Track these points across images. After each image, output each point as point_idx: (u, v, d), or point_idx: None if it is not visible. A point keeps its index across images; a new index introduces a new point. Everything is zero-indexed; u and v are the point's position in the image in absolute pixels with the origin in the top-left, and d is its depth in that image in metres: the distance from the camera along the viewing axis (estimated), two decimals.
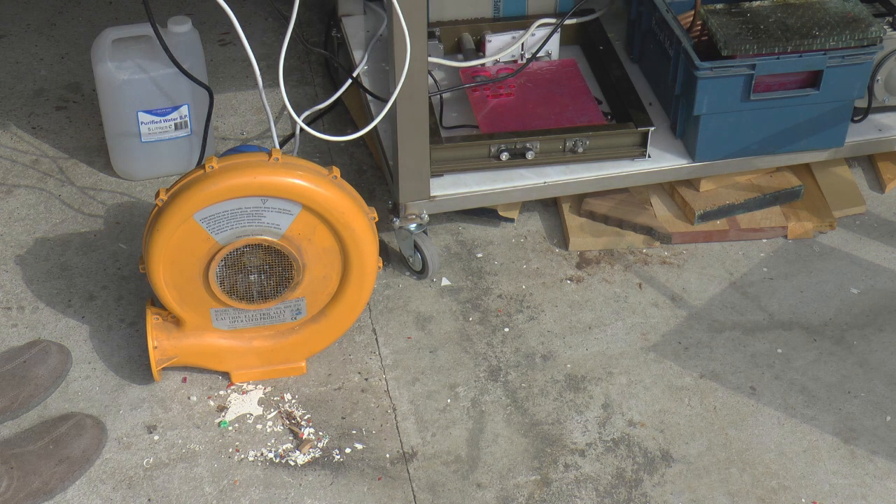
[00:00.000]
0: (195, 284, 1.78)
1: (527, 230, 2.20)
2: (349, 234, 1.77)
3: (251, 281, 1.80)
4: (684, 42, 2.04)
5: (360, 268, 1.82)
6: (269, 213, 1.73)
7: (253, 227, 1.74)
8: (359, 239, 1.79)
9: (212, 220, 1.72)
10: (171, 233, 1.72)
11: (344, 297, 1.86)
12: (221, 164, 1.71)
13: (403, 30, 1.78)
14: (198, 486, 1.74)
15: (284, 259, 1.78)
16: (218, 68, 2.57)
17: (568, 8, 2.32)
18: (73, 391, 1.87)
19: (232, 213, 1.72)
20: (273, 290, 1.81)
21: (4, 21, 2.73)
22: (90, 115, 2.44)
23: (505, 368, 1.94)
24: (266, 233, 1.75)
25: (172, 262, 1.75)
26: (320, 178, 1.74)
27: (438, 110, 2.19)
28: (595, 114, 2.16)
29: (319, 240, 1.78)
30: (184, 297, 1.80)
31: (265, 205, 1.72)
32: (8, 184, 2.28)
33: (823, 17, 2.07)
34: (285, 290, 1.81)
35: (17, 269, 2.10)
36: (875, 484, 1.76)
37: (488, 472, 1.78)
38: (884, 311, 2.04)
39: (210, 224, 1.73)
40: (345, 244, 1.79)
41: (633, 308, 2.05)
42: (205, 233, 1.73)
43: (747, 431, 1.84)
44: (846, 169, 2.30)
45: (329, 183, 1.74)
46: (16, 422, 1.81)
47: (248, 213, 1.73)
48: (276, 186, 1.70)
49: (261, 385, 1.90)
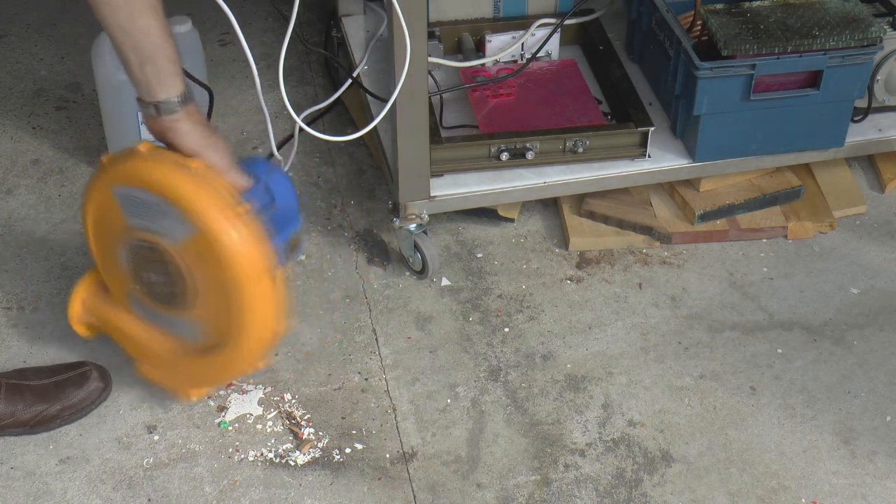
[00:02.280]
0: (112, 258, 1.71)
1: (527, 230, 2.20)
2: (223, 273, 1.60)
3: (151, 279, 1.69)
4: (684, 42, 2.04)
5: (238, 323, 1.63)
6: (170, 219, 1.61)
7: (157, 226, 1.63)
8: (234, 285, 1.59)
9: (126, 201, 1.64)
10: (95, 195, 1.68)
11: (225, 347, 1.67)
12: (147, 148, 1.62)
13: (403, 30, 1.78)
14: (198, 486, 1.75)
15: (177, 271, 1.64)
16: (218, 68, 2.57)
17: (568, 8, 2.32)
18: None
19: (143, 202, 1.62)
20: (165, 298, 1.69)
21: (4, 21, 2.73)
22: (90, 115, 2.44)
23: (505, 368, 1.94)
24: (166, 238, 1.62)
25: (97, 225, 1.70)
26: (183, 171, 1.59)
27: (438, 110, 2.19)
28: (595, 114, 2.16)
29: (213, 271, 1.61)
30: (105, 266, 1.75)
31: (168, 208, 1.59)
32: (8, 184, 2.28)
33: (823, 17, 2.07)
34: (175, 304, 1.68)
35: (17, 269, 2.10)
36: (875, 484, 1.76)
37: (488, 472, 1.78)
38: (884, 311, 2.04)
39: (125, 204, 1.64)
40: (226, 288, 1.61)
41: (633, 308, 2.05)
42: (119, 210, 1.65)
43: (747, 431, 1.84)
44: (846, 169, 2.30)
45: (191, 177, 1.58)
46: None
47: (155, 210, 1.61)
48: (129, 175, 1.62)
49: (261, 385, 1.90)
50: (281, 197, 1.72)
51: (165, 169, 1.59)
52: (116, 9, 1.49)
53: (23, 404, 1.78)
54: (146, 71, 1.54)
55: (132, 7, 1.50)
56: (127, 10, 1.49)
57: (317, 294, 2.07)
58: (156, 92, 1.55)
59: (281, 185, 1.73)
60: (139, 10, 1.50)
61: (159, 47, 1.53)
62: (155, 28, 1.52)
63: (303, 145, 2.35)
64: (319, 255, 2.14)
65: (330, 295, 2.07)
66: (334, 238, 2.18)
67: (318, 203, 2.25)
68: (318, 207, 2.24)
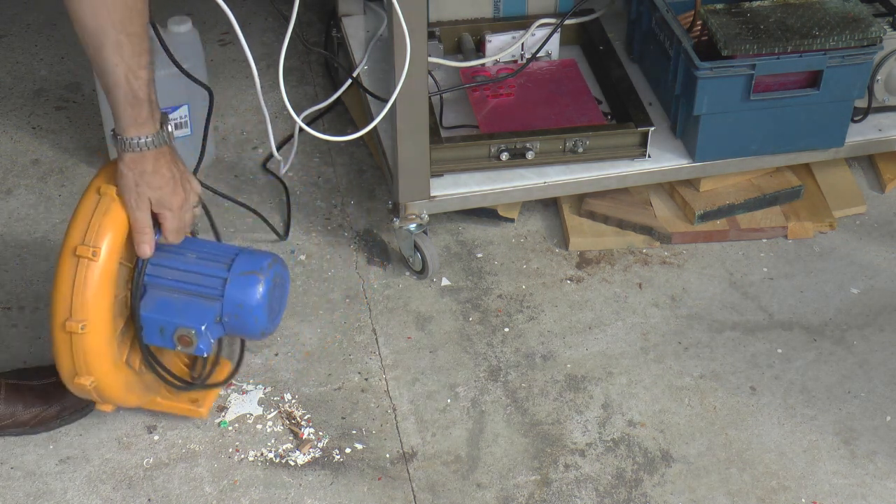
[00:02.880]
0: None
1: (527, 230, 2.20)
2: None
3: None
4: (684, 42, 2.04)
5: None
6: None
7: None
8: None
9: None
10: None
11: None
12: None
13: (403, 30, 1.78)
14: (198, 486, 1.75)
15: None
16: (218, 68, 2.57)
17: (568, 8, 2.32)
18: None
19: None
20: None
21: (4, 21, 2.73)
22: (90, 115, 2.44)
23: (505, 368, 1.94)
24: None
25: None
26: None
27: (438, 110, 2.19)
28: (595, 114, 2.16)
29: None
30: None
31: None
32: (8, 184, 2.28)
33: (823, 17, 2.07)
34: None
35: (17, 269, 2.10)
36: (875, 484, 1.76)
37: (488, 472, 1.78)
38: (884, 311, 2.04)
39: None
40: None
41: (633, 308, 2.05)
42: None
43: (747, 431, 1.84)
44: (846, 169, 2.30)
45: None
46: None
47: None
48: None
49: (261, 385, 1.90)
50: (233, 298, 1.65)
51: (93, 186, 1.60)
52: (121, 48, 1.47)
53: (22, 404, 1.77)
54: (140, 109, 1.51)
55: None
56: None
57: (317, 294, 2.07)
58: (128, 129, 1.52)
59: (244, 289, 1.66)
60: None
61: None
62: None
63: (303, 145, 2.35)
64: (319, 255, 2.14)
65: (330, 295, 2.07)
66: (334, 238, 2.18)
67: (318, 203, 2.25)
68: (318, 207, 2.24)
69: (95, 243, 1.55)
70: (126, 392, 1.66)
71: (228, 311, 1.65)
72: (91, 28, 1.46)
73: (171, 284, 1.65)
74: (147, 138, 1.53)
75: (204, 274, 1.66)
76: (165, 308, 1.64)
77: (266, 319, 1.67)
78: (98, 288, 1.56)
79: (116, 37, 1.46)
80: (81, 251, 1.55)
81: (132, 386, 1.67)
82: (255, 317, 1.66)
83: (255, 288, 1.65)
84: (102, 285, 1.56)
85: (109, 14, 1.44)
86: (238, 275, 1.65)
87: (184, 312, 1.64)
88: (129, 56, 1.47)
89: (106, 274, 1.56)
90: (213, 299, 1.65)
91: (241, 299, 1.65)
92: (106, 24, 1.45)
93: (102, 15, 1.44)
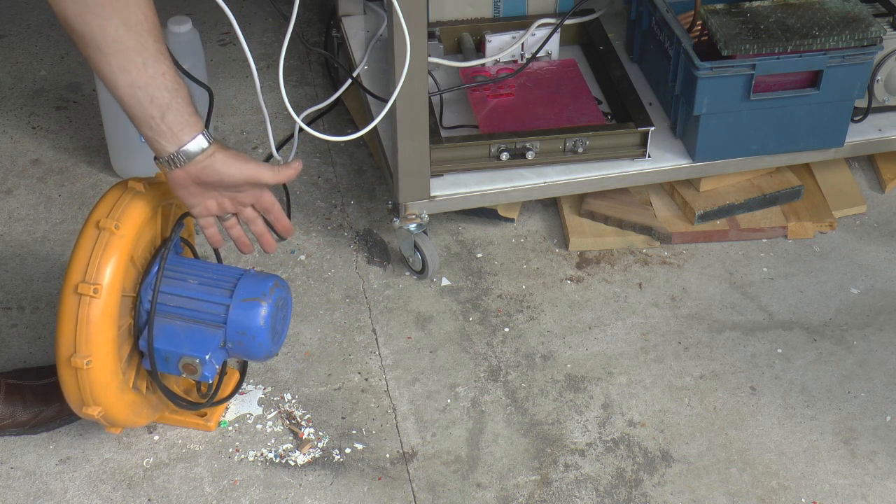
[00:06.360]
0: None
1: (527, 230, 2.20)
2: None
3: None
4: (684, 42, 2.04)
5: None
6: None
7: None
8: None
9: None
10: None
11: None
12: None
13: (403, 30, 1.78)
14: (198, 486, 1.75)
15: None
16: (218, 68, 2.57)
17: (568, 8, 2.32)
18: None
19: None
20: None
21: (4, 21, 2.73)
22: (90, 115, 2.44)
23: (505, 368, 1.94)
24: None
25: None
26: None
27: (438, 110, 2.19)
28: (595, 114, 2.16)
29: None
30: None
31: None
32: (8, 184, 2.29)
33: (823, 17, 2.07)
34: None
35: (17, 269, 2.10)
36: (875, 484, 1.76)
37: (488, 472, 1.78)
38: (884, 311, 2.04)
39: None
40: None
41: (633, 308, 2.05)
42: None
43: (747, 431, 1.84)
44: (846, 169, 2.30)
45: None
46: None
47: None
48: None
49: (261, 385, 1.90)
50: (234, 324, 1.65)
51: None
52: (129, 63, 1.44)
53: (22, 405, 1.77)
54: (168, 120, 1.48)
55: (146, 56, 1.44)
56: (139, 61, 1.44)
57: (317, 294, 2.07)
58: (181, 136, 1.50)
59: (247, 316, 1.65)
60: (151, 59, 1.45)
61: (177, 91, 1.48)
62: (169, 72, 1.47)
63: (303, 145, 2.35)
64: (319, 255, 2.14)
65: (330, 295, 2.07)
66: (334, 238, 2.18)
67: (318, 203, 2.25)
68: (318, 207, 2.24)
69: (96, 280, 1.56)
70: (134, 416, 1.67)
71: (232, 337, 1.65)
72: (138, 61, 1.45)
73: (174, 311, 1.66)
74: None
75: (207, 301, 1.66)
76: (169, 338, 1.64)
77: (270, 343, 1.68)
78: (101, 324, 1.56)
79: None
80: (83, 289, 1.55)
81: (139, 409, 1.68)
82: (258, 342, 1.66)
83: (258, 314, 1.65)
84: (105, 321, 1.57)
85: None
86: (241, 301, 1.65)
87: (188, 342, 1.64)
88: (168, 59, 1.49)
89: (108, 310, 1.57)
90: (217, 326, 1.65)
91: (244, 326, 1.65)
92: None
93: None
